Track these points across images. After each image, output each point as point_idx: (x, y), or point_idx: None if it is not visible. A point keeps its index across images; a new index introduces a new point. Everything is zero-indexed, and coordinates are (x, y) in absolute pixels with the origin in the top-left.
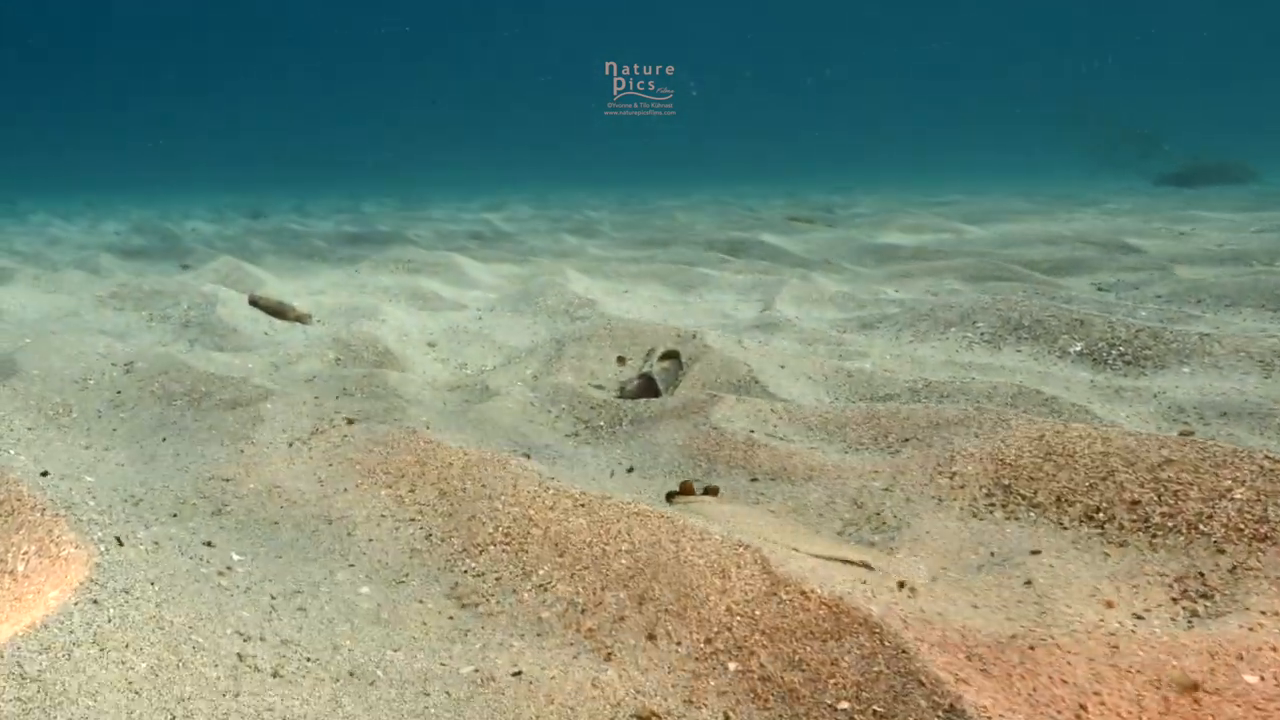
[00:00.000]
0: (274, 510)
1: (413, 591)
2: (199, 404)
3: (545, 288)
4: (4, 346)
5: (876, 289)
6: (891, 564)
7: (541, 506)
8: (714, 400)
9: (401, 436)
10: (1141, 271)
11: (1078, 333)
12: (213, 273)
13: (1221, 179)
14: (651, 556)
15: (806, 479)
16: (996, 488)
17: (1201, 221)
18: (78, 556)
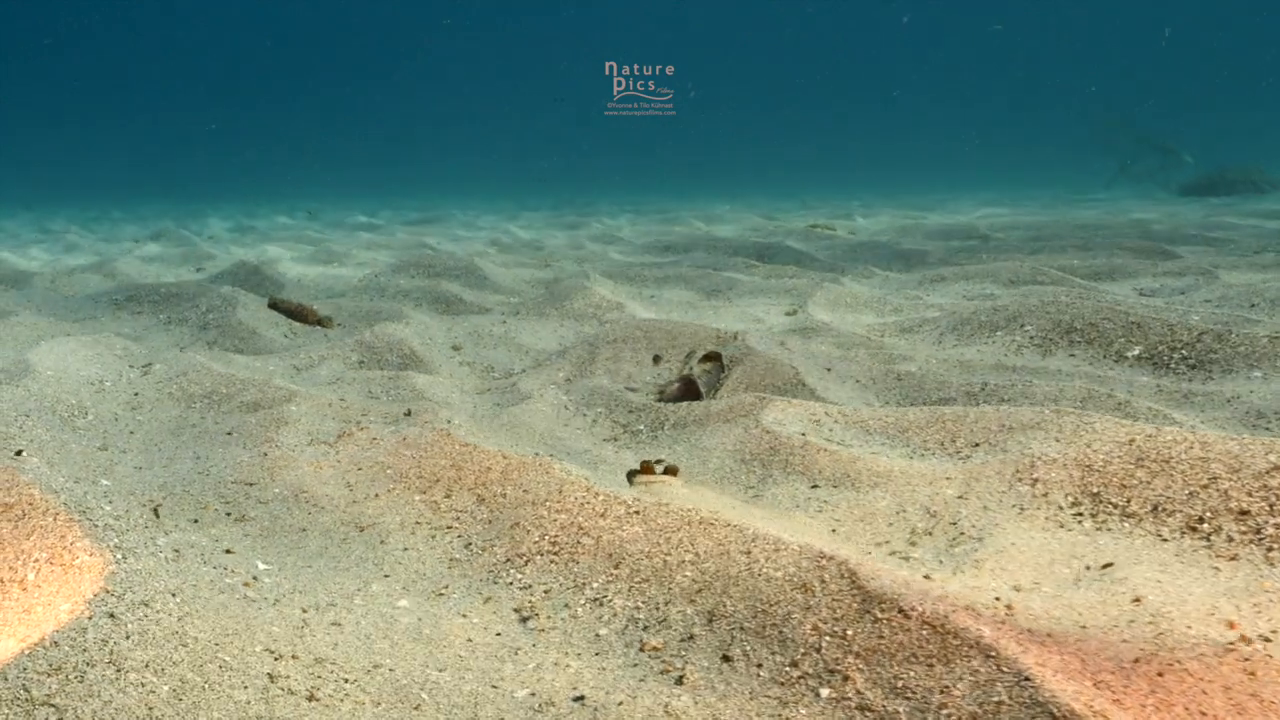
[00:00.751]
0: (300, 516)
1: (454, 605)
2: (219, 406)
3: (571, 291)
4: (17, 348)
5: (911, 293)
6: (980, 578)
7: (591, 514)
8: (764, 403)
9: (435, 439)
10: (1185, 277)
11: (1134, 336)
12: (231, 276)
13: (1244, 189)
14: (720, 568)
15: (872, 485)
16: (1084, 496)
17: (1232, 229)
18: (92, 565)
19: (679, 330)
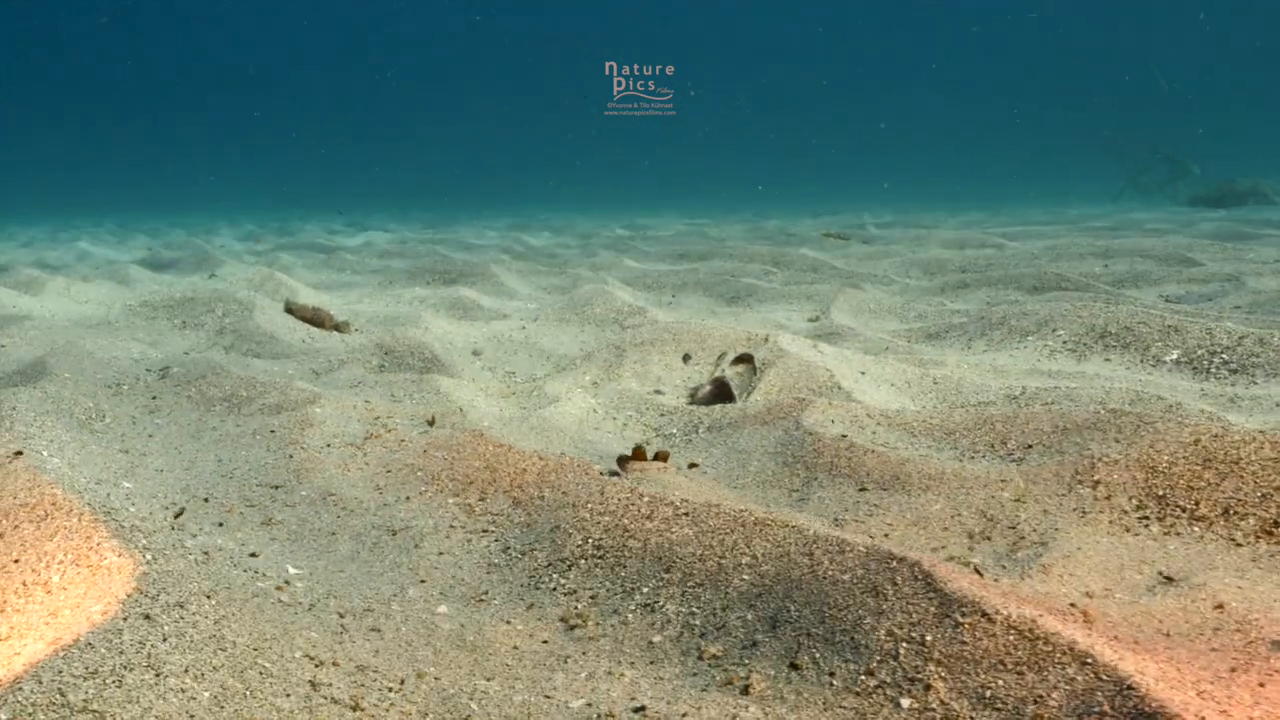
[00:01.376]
0: (329, 519)
1: (497, 611)
2: (239, 409)
3: (592, 296)
4: (34, 351)
5: (934, 299)
6: (1049, 584)
7: (637, 515)
8: (803, 404)
9: (467, 440)
10: (1210, 284)
11: (1172, 340)
12: (246, 282)
13: (1253, 200)
14: (781, 571)
15: (924, 489)
16: (1149, 498)
17: (1248, 239)
18: (122, 566)
19: (708, 332)
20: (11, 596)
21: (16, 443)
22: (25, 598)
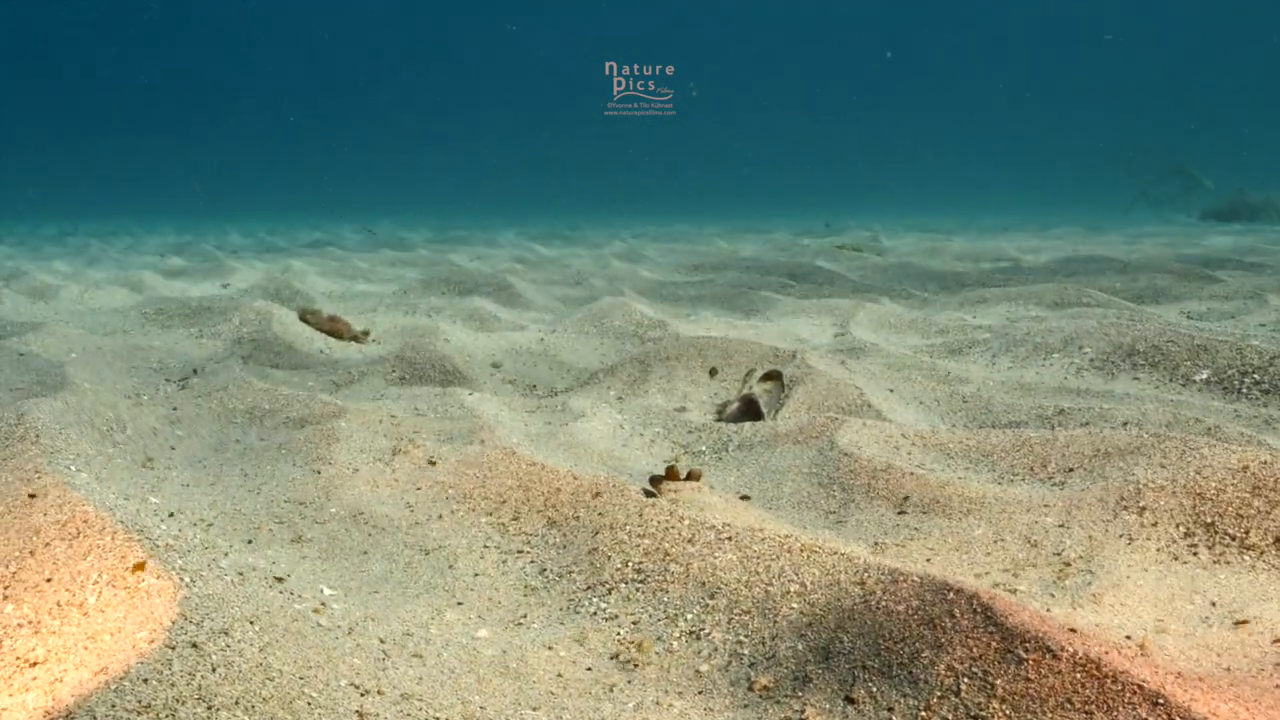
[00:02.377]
0: (360, 538)
1: (537, 636)
2: (262, 422)
3: (611, 309)
4: (52, 360)
5: (954, 314)
6: (1101, 614)
7: (678, 539)
8: (836, 424)
9: (498, 458)
10: (1232, 300)
11: (1201, 359)
12: (261, 290)
13: (1266, 215)
14: (832, 600)
15: (965, 512)
16: (1197, 526)
17: (1264, 254)
18: (161, 589)
19: (734, 348)
20: (46, 617)
21: (44, 456)
22: (61, 619)
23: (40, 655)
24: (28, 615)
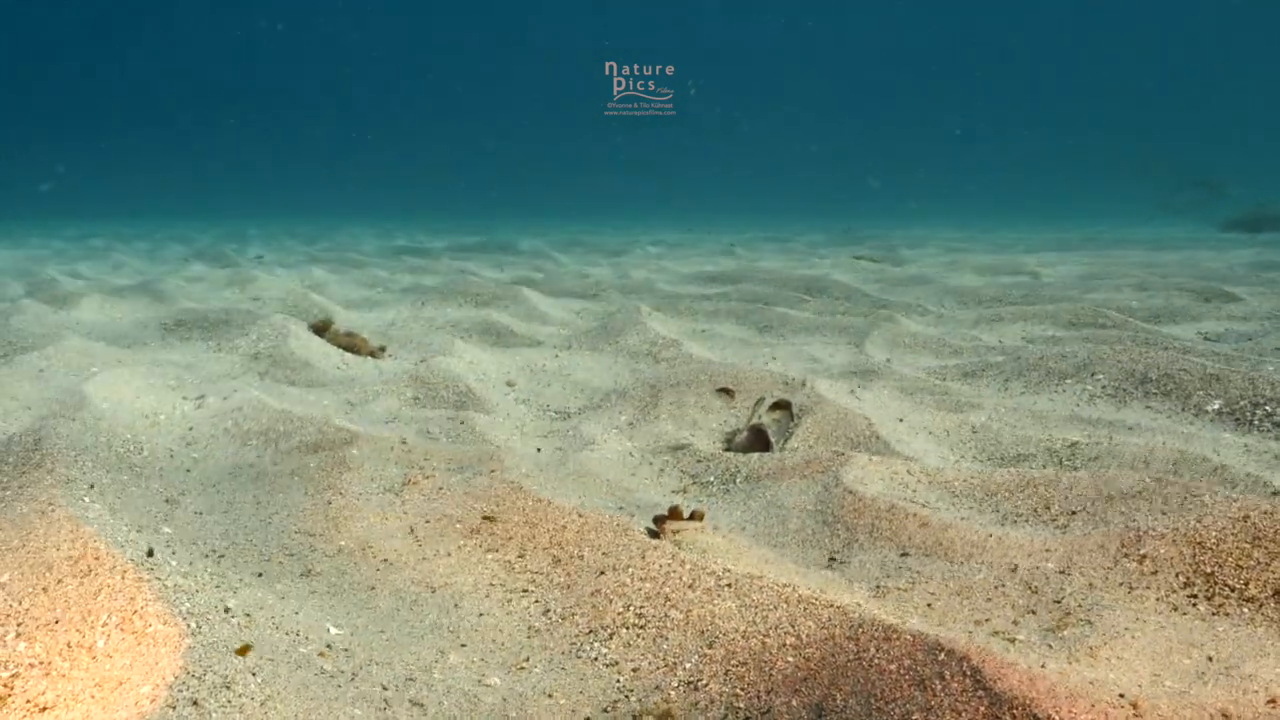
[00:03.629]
0: (368, 573)
1: (538, 683)
2: (276, 445)
3: (624, 326)
4: (71, 376)
5: (969, 333)
6: (1096, 669)
7: (679, 584)
8: (843, 459)
9: (505, 493)
10: (1250, 321)
11: (1213, 389)
12: (280, 302)
13: None
14: (826, 656)
15: (967, 556)
16: (1196, 575)
17: None
18: (166, 636)
19: (744, 375)
20: (57, 659)
21: (58, 487)
22: (70, 661)
23: (50, 700)
24: (39, 655)
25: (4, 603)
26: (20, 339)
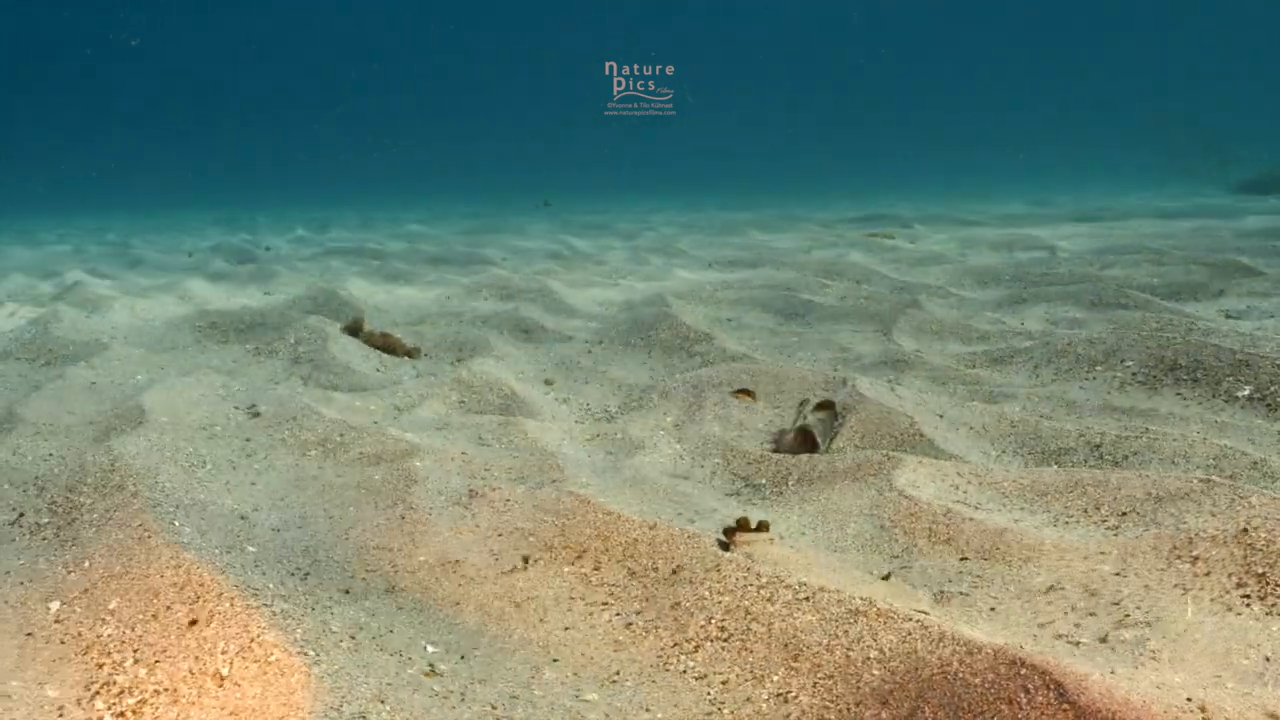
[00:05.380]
0: (451, 588)
1: (633, 696)
2: (335, 455)
3: (656, 320)
4: (124, 387)
5: (993, 316)
6: (1161, 672)
7: (758, 598)
8: (894, 462)
9: (574, 505)
10: (1272, 298)
11: (1243, 375)
12: (310, 301)
13: None
14: (912, 670)
15: (1025, 560)
16: (1249, 576)
17: None
18: (291, 665)
19: (786, 375)
20: (182, 686)
21: (148, 511)
22: (196, 688)
23: None
24: (163, 682)
25: (117, 629)
26: (62, 348)
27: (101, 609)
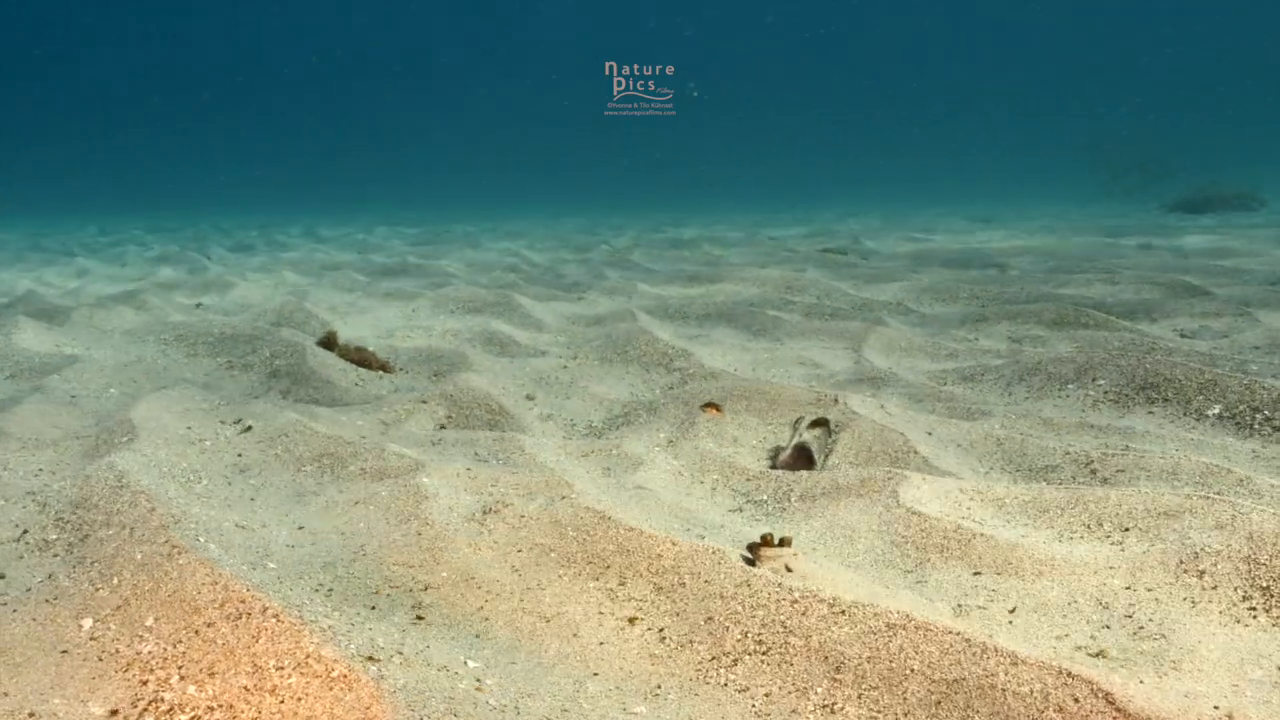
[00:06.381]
0: (477, 603)
1: (678, 709)
2: (333, 471)
3: (630, 336)
4: (104, 403)
5: (957, 334)
6: (1183, 681)
7: (793, 612)
8: (897, 478)
9: (593, 521)
10: (1223, 317)
11: (1212, 394)
12: (275, 313)
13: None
14: (956, 679)
15: (1037, 574)
16: (1254, 589)
17: (1238, 254)
18: (357, 680)
19: (778, 392)
20: (238, 701)
21: (169, 527)
22: (254, 705)
23: None
24: (217, 698)
25: (157, 646)
26: (28, 359)
27: (138, 625)
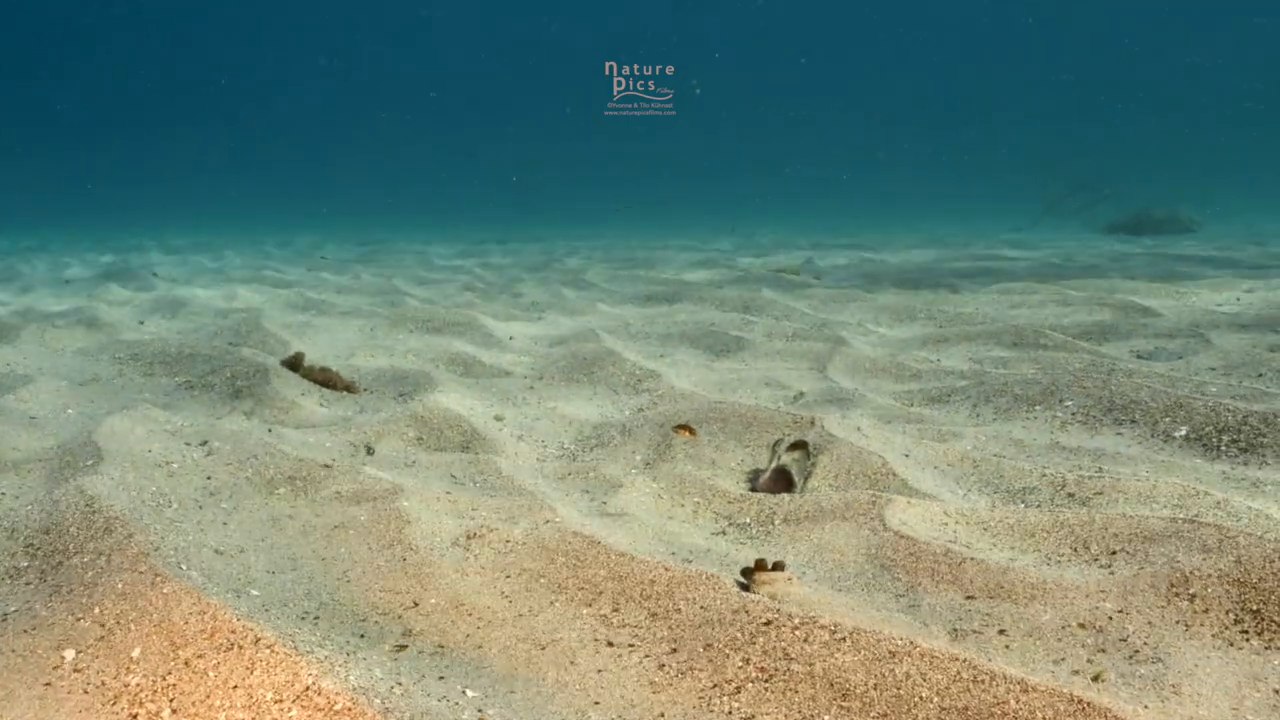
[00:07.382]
0: (469, 631)
1: None
2: (306, 493)
3: (596, 357)
4: (64, 424)
5: (919, 354)
6: (1185, 705)
7: (794, 639)
8: (881, 501)
9: (582, 546)
10: (1176, 339)
11: (1178, 415)
12: (232, 332)
13: (1169, 229)
14: (965, 706)
15: (1029, 598)
16: (1244, 613)
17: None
18: (361, 713)
19: (754, 415)
20: None
21: (148, 555)
22: None
23: None
24: None
25: (146, 678)
26: None
27: (123, 656)
